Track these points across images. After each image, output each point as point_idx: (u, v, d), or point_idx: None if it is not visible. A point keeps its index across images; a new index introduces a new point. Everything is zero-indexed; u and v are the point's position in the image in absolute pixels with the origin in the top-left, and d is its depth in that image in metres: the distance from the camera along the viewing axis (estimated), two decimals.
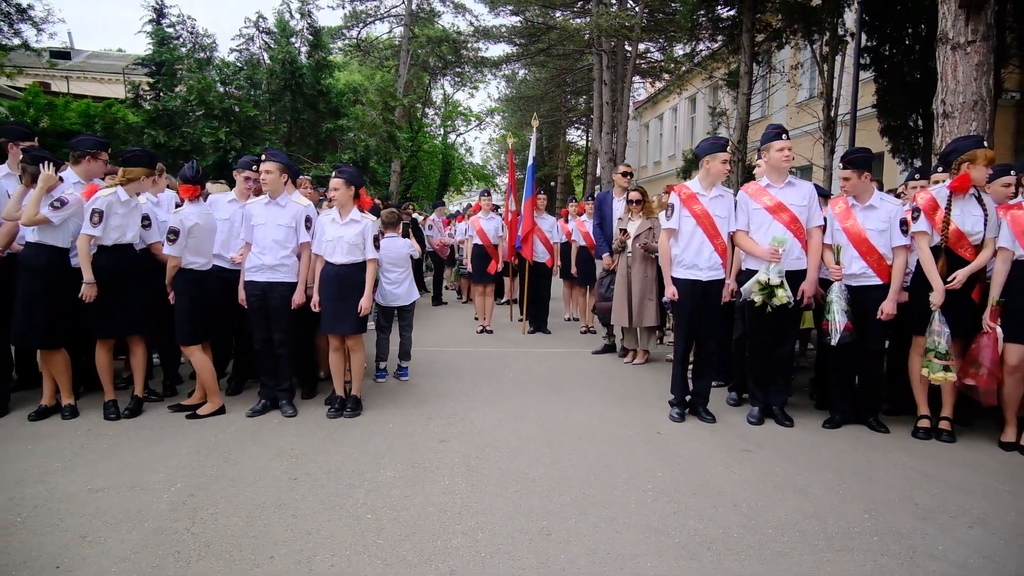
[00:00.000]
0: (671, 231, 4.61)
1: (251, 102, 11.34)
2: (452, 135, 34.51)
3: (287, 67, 11.78)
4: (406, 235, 6.33)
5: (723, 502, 3.24)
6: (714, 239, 4.51)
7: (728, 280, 4.77)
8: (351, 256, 4.61)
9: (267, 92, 11.98)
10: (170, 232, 4.50)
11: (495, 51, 51.49)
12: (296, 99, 12.13)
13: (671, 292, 4.62)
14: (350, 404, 4.71)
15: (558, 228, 8.75)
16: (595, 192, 19.78)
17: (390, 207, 6.94)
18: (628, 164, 8.05)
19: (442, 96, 32.34)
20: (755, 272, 4.40)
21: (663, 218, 4.70)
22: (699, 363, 4.78)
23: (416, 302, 5.94)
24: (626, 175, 7.10)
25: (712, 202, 4.55)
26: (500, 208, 9.11)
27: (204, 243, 4.68)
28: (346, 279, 4.60)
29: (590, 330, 8.38)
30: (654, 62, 24.14)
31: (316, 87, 12.31)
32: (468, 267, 9.05)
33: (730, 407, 4.99)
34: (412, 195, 26.57)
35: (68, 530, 2.85)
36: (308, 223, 4.71)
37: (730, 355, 5.29)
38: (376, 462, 3.75)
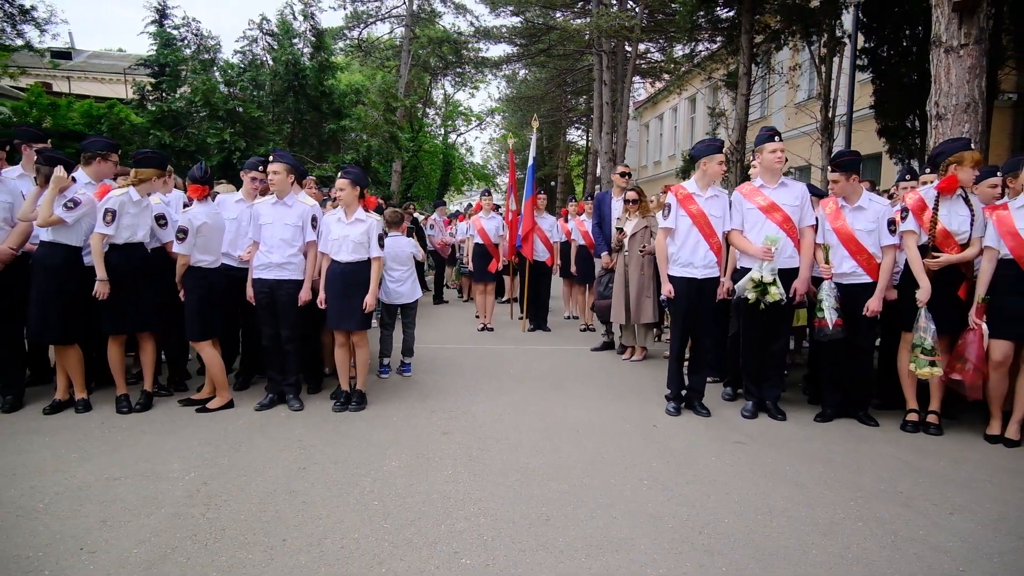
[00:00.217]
0: (668, 230, 4.74)
1: (255, 103, 11.46)
2: (452, 135, 34.66)
3: (291, 68, 11.91)
4: (409, 235, 6.45)
5: (715, 490, 3.37)
6: (710, 238, 4.64)
7: (723, 279, 4.90)
8: (356, 254, 4.73)
9: (271, 93, 12.11)
10: (179, 231, 4.63)
11: (496, 51, 51.41)
12: (299, 100, 12.27)
13: (667, 290, 4.75)
14: (355, 398, 4.84)
15: (558, 227, 8.86)
16: (594, 192, 19.89)
17: (393, 207, 7.06)
18: (627, 165, 8.16)
19: (442, 96, 32.50)
20: (749, 270, 4.53)
21: (660, 217, 4.83)
22: (695, 359, 4.90)
23: (419, 300, 6.07)
24: (624, 175, 7.21)
25: (708, 202, 4.67)
26: (501, 208, 9.24)
27: (212, 242, 4.80)
28: (351, 277, 4.72)
29: (589, 328, 8.50)
30: (654, 62, 24.26)
31: (319, 88, 12.44)
32: (469, 266, 9.16)
33: (725, 402, 5.12)
34: (413, 195, 26.72)
35: (89, 515, 2.98)
36: (314, 222, 4.84)
37: (725, 351, 5.42)
38: (381, 453, 3.88)
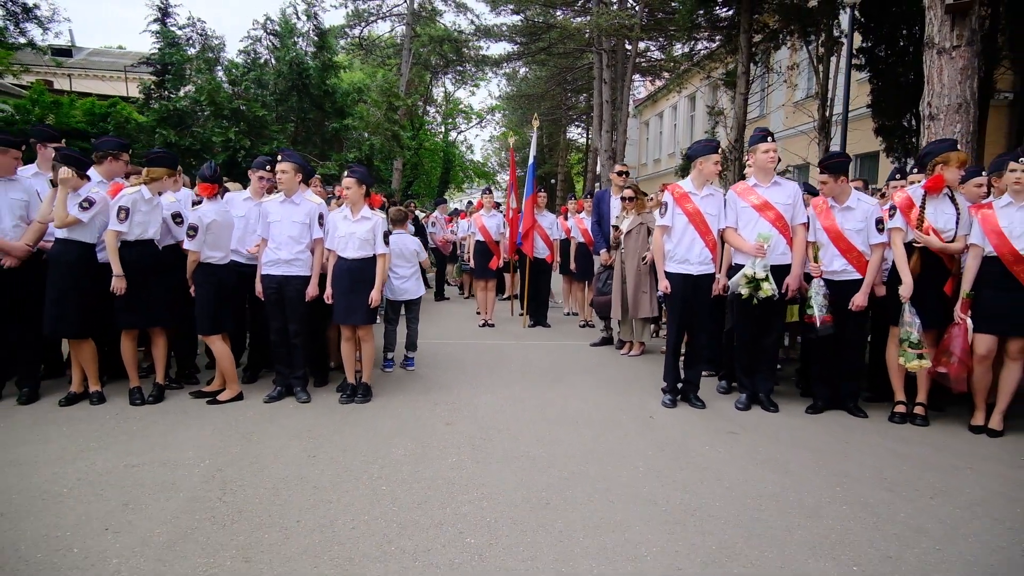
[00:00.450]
0: (665, 228, 4.88)
1: (259, 102, 11.60)
2: (453, 133, 34.77)
3: (294, 68, 12.04)
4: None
5: (708, 477, 3.52)
6: (705, 236, 4.78)
7: (718, 275, 5.05)
8: (362, 251, 4.88)
9: (274, 92, 12.25)
10: (189, 228, 4.78)
11: (496, 49, 51.67)
12: (303, 99, 12.41)
13: (664, 285, 4.89)
14: (361, 390, 4.99)
15: (558, 225, 9.00)
16: (594, 190, 20.05)
17: (396, 204, 7.21)
18: (624, 164, 8.29)
19: (443, 94, 32.61)
20: (743, 267, 4.68)
21: (657, 215, 4.98)
22: (691, 353, 5.05)
23: (422, 296, 6.21)
24: (620, 174, 7.36)
25: (703, 201, 4.81)
26: (501, 205, 9.38)
27: (222, 239, 4.95)
28: (357, 273, 4.87)
29: (588, 324, 8.64)
30: (654, 61, 24.37)
31: (322, 87, 12.58)
32: (471, 263, 9.31)
33: (720, 394, 5.27)
34: (413, 192, 26.86)
35: (111, 499, 3.13)
36: (321, 220, 4.98)
37: (720, 346, 5.57)
38: (387, 442, 4.03)
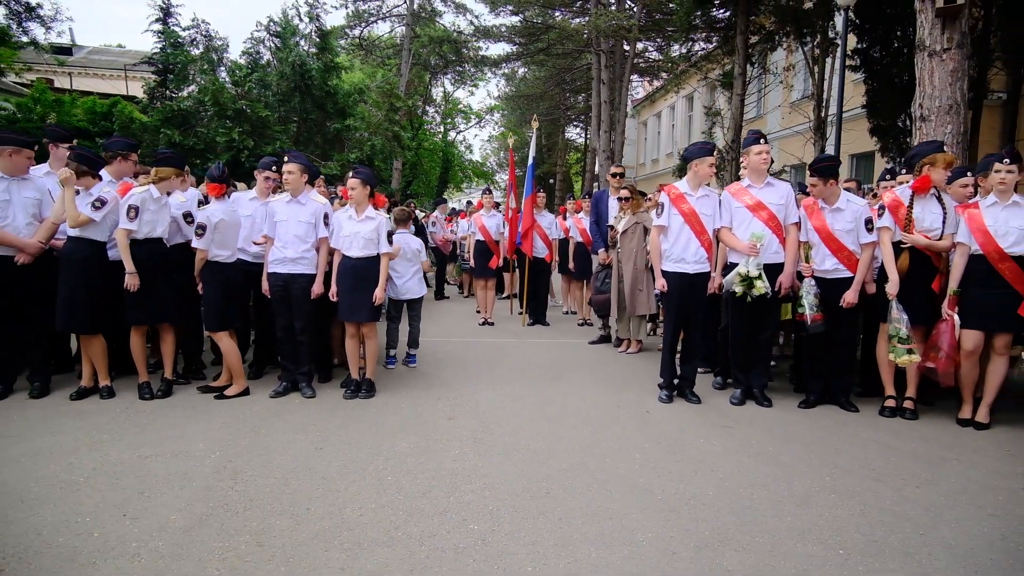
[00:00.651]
0: (661, 228, 5.01)
1: (261, 103, 11.71)
2: (452, 132, 34.89)
3: (296, 69, 12.15)
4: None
5: (702, 468, 3.65)
6: (700, 235, 4.91)
7: (714, 274, 5.17)
8: (367, 250, 4.99)
9: (277, 93, 12.35)
10: (198, 227, 4.89)
11: (495, 50, 51.76)
12: (305, 100, 12.53)
13: (661, 284, 5.02)
14: (365, 386, 5.10)
15: (556, 225, 9.12)
16: (592, 190, 20.18)
17: (397, 204, 7.33)
18: (620, 165, 8.42)
19: (442, 94, 32.73)
20: (737, 265, 4.80)
21: (654, 215, 5.10)
22: (687, 349, 5.18)
23: (424, 295, 6.34)
24: (615, 176, 7.49)
25: (699, 201, 4.94)
26: (501, 205, 9.50)
27: (229, 238, 5.06)
28: (362, 272, 4.98)
29: (587, 322, 8.77)
30: (652, 61, 24.52)
31: (324, 88, 12.69)
32: (471, 262, 9.43)
33: (715, 390, 5.40)
34: (412, 192, 26.98)
35: (127, 487, 3.25)
36: (326, 219, 5.10)
37: (716, 343, 5.69)
38: (391, 436, 4.15)
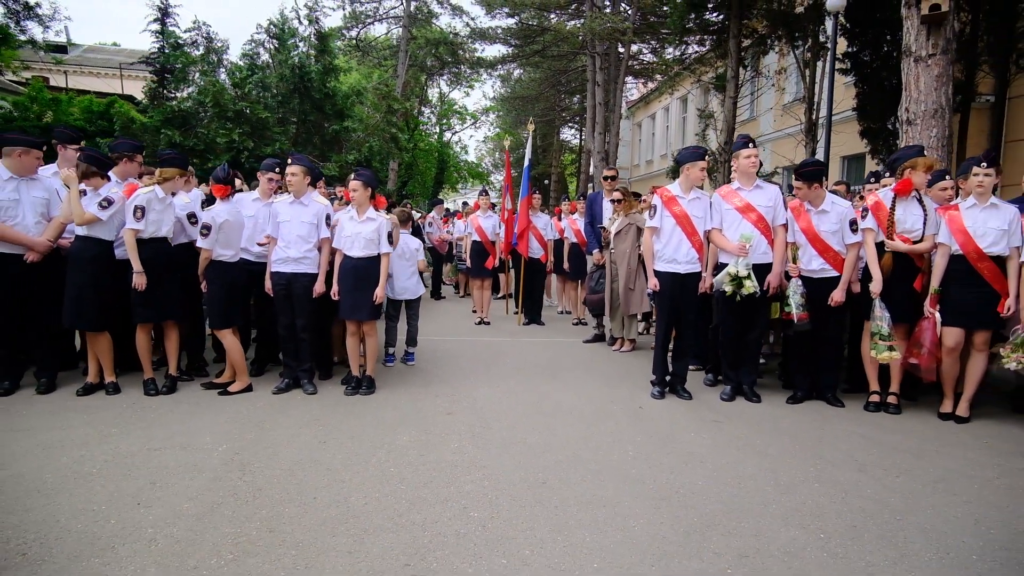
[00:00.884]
0: (654, 229, 5.16)
1: (261, 104, 11.81)
2: (447, 133, 35.01)
3: (296, 71, 12.26)
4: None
5: (692, 460, 3.80)
6: (691, 236, 5.06)
7: (704, 274, 5.32)
8: (367, 250, 5.12)
9: (276, 95, 12.45)
10: (203, 227, 5.01)
11: (491, 52, 51.80)
12: (304, 101, 12.64)
13: (653, 283, 5.17)
14: (365, 383, 5.23)
15: (552, 226, 9.27)
16: (587, 191, 20.33)
17: (395, 205, 7.46)
18: (613, 168, 8.55)
19: (438, 95, 32.84)
20: (727, 265, 4.95)
21: (647, 217, 5.25)
22: (678, 347, 5.33)
23: (422, 295, 6.47)
24: (607, 179, 7.65)
25: (690, 204, 5.09)
26: (497, 207, 9.64)
27: (233, 238, 5.18)
28: (363, 271, 5.11)
29: (581, 322, 8.91)
30: (646, 63, 24.70)
31: (323, 90, 12.80)
32: (468, 262, 9.56)
33: (706, 387, 5.55)
34: (408, 192, 27.08)
35: (138, 478, 3.38)
36: (328, 220, 5.23)
37: (707, 341, 5.84)
38: (392, 430, 4.28)
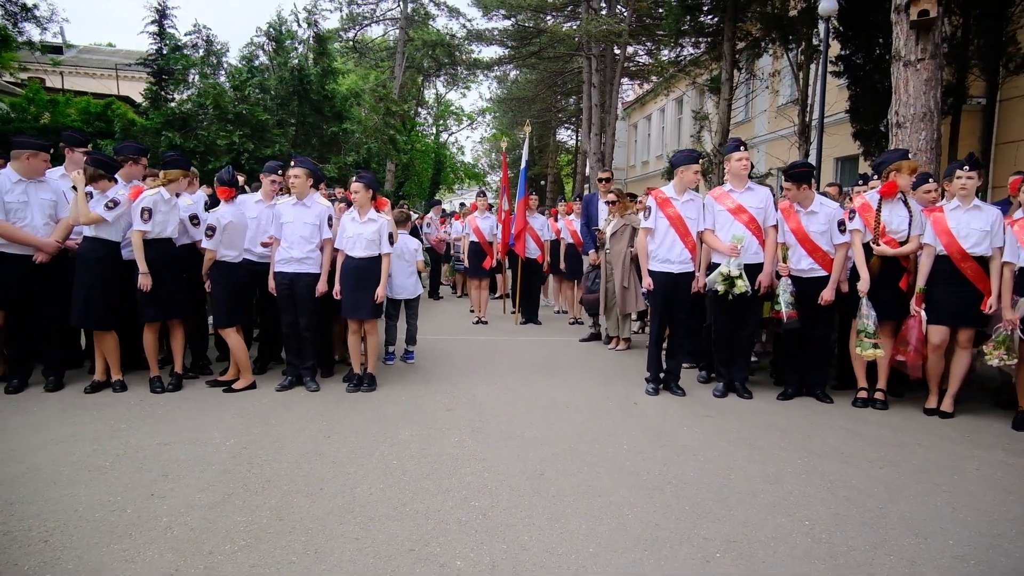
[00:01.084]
0: (648, 230, 5.29)
1: (260, 106, 11.92)
2: (444, 134, 35.11)
3: (295, 74, 12.37)
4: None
5: (684, 453, 3.93)
6: (685, 237, 5.19)
7: (697, 274, 5.46)
8: (369, 251, 5.24)
9: (276, 97, 12.56)
10: (208, 228, 5.13)
11: (487, 53, 51.74)
12: (303, 103, 12.74)
13: (648, 283, 5.31)
14: (366, 380, 5.35)
15: (548, 226, 9.40)
16: (583, 193, 20.48)
17: (393, 206, 7.57)
18: (607, 170, 8.71)
19: (434, 95, 32.94)
20: (720, 265, 5.09)
21: (642, 218, 5.39)
22: (672, 345, 5.46)
23: (420, 295, 6.60)
24: (601, 180, 7.79)
25: (684, 205, 5.23)
26: (494, 207, 9.77)
27: (236, 238, 5.30)
28: (364, 271, 5.23)
29: (578, 321, 9.05)
30: (642, 65, 24.86)
31: (321, 92, 12.91)
32: (465, 263, 9.69)
33: (699, 384, 5.69)
34: (404, 193, 27.19)
35: (151, 470, 3.49)
36: (330, 221, 5.36)
37: (700, 340, 5.98)
38: (394, 425, 4.41)
